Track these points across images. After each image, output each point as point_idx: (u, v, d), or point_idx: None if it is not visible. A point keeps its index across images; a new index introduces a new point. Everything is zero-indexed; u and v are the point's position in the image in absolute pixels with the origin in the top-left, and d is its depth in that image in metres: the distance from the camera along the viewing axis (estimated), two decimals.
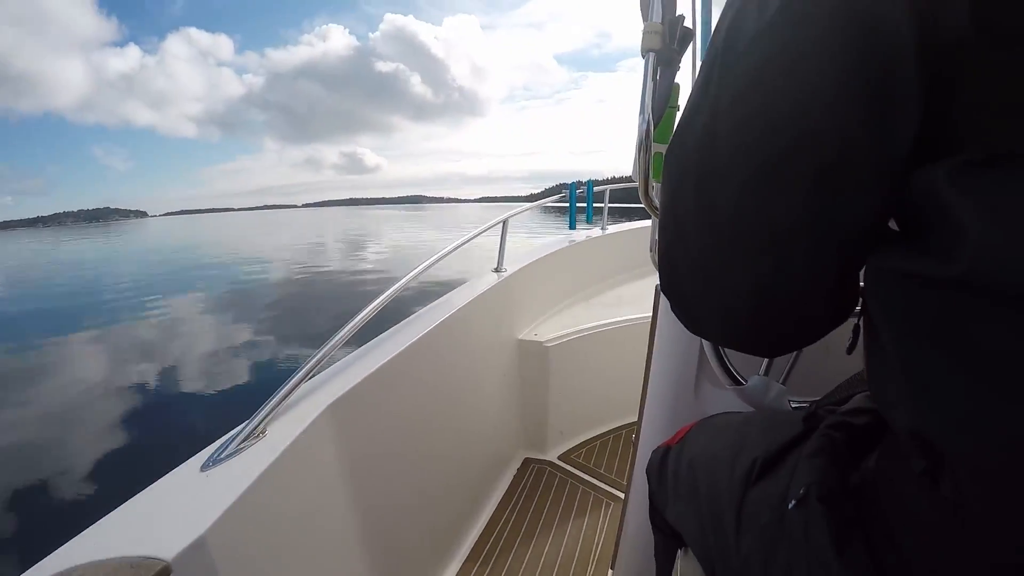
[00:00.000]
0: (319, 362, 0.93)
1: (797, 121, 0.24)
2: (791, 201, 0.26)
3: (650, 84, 0.69)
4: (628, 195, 3.47)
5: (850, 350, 0.41)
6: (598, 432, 2.01)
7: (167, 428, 5.20)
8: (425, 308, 1.44)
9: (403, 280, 1.21)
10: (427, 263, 1.34)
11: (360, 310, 1.04)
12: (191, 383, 6.35)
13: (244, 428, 0.81)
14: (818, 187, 0.25)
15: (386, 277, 14.57)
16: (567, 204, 2.72)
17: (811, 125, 0.24)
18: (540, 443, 1.91)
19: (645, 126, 0.68)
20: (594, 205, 2.90)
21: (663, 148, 0.72)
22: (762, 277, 0.29)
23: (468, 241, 1.54)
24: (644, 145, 0.68)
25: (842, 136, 0.24)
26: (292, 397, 0.90)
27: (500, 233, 1.89)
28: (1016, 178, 0.20)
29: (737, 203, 0.27)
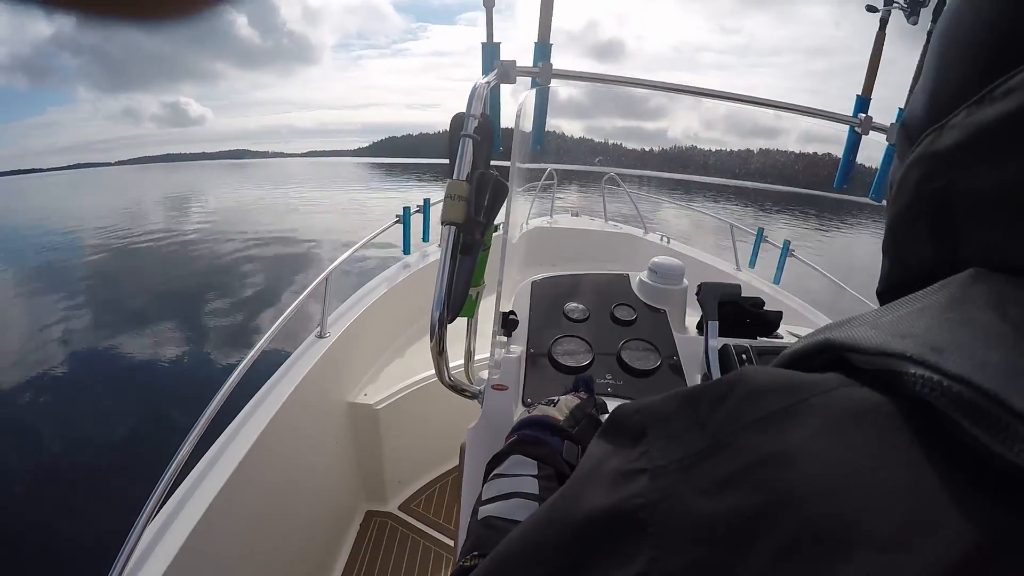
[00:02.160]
0: (160, 498, 0.97)
1: None
2: None
3: (447, 265, 0.62)
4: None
5: None
6: (437, 474, 2.11)
7: None
8: (253, 399, 1.43)
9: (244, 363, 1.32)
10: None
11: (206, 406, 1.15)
12: None
13: None
14: None
15: (213, 238, 14.49)
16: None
17: None
18: (380, 494, 1.96)
19: (438, 312, 0.63)
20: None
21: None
22: None
23: (300, 300, 1.69)
24: (438, 335, 0.64)
25: None
26: (139, 548, 0.92)
27: (323, 292, 1.75)
28: None
29: None
